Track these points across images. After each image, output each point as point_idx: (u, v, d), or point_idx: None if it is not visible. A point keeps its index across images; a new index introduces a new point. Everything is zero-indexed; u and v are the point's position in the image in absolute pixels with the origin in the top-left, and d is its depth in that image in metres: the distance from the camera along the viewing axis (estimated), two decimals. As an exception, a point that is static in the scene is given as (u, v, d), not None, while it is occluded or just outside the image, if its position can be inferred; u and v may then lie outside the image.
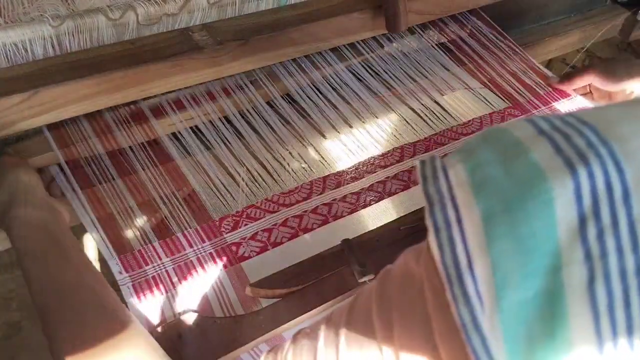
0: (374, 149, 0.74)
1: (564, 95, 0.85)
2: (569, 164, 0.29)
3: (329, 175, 0.70)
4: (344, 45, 0.84)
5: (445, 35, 0.92)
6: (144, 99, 0.71)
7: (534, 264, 0.29)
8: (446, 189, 0.32)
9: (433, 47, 0.90)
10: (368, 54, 0.86)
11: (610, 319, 0.28)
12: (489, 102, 0.83)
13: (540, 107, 0.82)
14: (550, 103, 0.83)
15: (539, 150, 0.31)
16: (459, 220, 0.31)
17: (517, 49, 0.92)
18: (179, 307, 0.56)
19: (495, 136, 0.34)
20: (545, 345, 0.28)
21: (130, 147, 0.69)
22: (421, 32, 0.91)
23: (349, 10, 0.78)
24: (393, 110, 0.80)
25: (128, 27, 0.62)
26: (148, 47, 0.66)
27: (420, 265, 0.34)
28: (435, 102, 0.81)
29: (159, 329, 0.54)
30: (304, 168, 0.70)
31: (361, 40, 0.85)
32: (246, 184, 0.67)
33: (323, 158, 0.72)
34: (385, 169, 0.71)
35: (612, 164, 0.29)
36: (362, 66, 0.85)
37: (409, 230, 0.65)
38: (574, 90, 0.85)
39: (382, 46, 0.87)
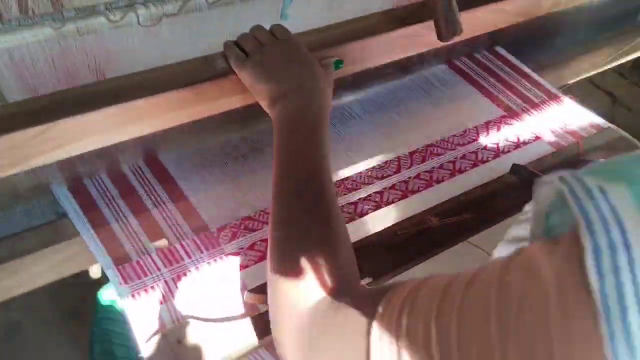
0: (371, 161, 0.74)
1: (556, 99, 0.86)
2: None
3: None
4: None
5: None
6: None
7: None
8: (608, 209, 0.28)
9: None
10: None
11: None
12: (484, 111, 0.84)
13: (533, 113, 0.84)
14: (543, 109, 0.85)
15: None
16: (627, 246, 0.27)
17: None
18: (177, 314, 0.56)
19: None
20: None
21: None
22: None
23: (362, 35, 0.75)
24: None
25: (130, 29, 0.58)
26: (169, 76, 0.64)
27: (552, 265, 0.30)
28: (431, 112, 0.82)
29: (159, 335, 0.54)
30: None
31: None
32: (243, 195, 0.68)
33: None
34: (382, 180, 0.72)
35: None
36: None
37: (406, 236, 0.66)
38: None
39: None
